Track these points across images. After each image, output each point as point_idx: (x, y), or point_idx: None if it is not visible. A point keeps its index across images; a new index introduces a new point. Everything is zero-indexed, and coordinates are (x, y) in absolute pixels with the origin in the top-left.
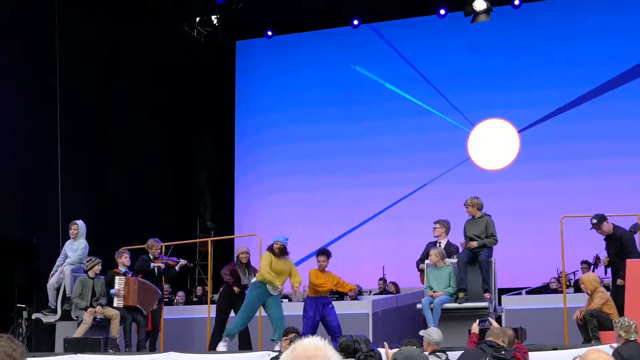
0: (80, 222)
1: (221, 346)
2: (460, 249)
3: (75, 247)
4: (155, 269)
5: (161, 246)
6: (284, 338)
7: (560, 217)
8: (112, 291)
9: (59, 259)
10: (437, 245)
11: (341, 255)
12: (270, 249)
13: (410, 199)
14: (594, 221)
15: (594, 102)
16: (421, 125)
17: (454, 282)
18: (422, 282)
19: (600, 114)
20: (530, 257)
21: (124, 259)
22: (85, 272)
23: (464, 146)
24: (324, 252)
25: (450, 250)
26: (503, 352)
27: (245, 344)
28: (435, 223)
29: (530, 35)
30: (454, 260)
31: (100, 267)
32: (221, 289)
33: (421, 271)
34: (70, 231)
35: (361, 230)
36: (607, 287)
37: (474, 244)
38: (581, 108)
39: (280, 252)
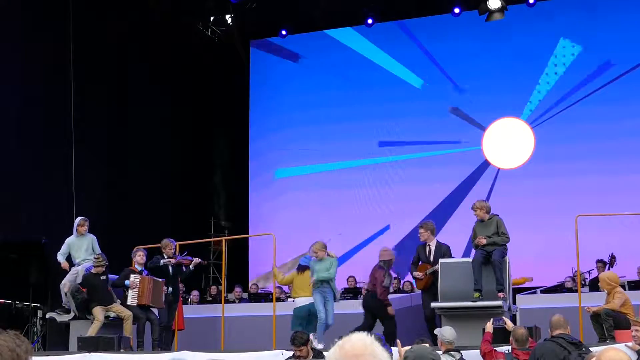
0: None
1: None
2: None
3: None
4: (170, 267)
5: (175, 246)
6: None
7: (575, 215)
8: (126, 282)
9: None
10: (427, 247)
11: (356, 254)
12: None
13: (424, 197)
14: None
15: (610, 100)
16: (438, 124)
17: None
18: (417, 287)
19: (616, 112)
20: (545, 256)
21: (139, 258)
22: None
23: (479, 145)
24: None
25: (442, 250)
26: (584, 349)
27: None
28: (419, 227)
29: (545, 33)
30: (448, 260)
31: (103, 269)
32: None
33: (415, 278)
34: (83, 227)
35: (375, 229)
36: (622, 286)
37: (483, 240)
38: (597, 106)
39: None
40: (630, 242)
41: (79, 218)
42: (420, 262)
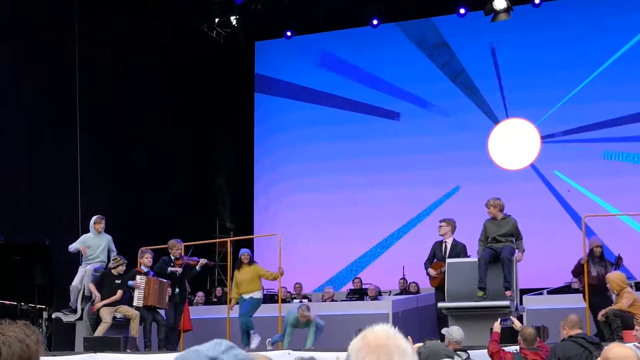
0: None
1: None
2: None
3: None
4: (177, 273)
5: (182, 246)
6: None
7: (583, 216)
8: (130, 282)
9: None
10: (443, 245)
11: (362, 255)
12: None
13: (429, 199)
14: None
15: (615, 101)
16: (442, 125)
17: None
18: (431, 284)
19: (620, 114)
20: (552, 257)
21: (145, 259)
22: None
23: (484, 146)
24: None
25: (457, 249)
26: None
27: None
28: (441, 222)
29: (551, 33)
30: (455, 260)
31: (124, 268)
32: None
33: (430, 275)
34: (100, 225)
35: (381, 230)
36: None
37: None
38: (601, 108)
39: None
40: (638, 242)
41: (95, 216)
42: (435, 260)
